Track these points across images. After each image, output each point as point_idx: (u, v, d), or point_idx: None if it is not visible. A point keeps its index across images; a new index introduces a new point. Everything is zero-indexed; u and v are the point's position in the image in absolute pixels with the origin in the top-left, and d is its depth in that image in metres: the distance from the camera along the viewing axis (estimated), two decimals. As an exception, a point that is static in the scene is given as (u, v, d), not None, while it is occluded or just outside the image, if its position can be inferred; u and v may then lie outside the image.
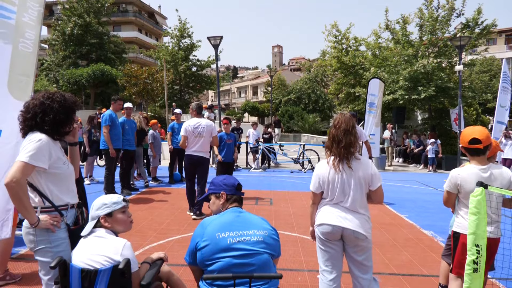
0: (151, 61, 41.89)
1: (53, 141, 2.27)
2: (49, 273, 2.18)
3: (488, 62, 33.74)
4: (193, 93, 32.10)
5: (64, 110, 2.26)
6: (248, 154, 13.45)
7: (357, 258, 2.61)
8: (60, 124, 2.26)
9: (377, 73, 16.81)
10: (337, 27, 20.28)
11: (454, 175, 2.82)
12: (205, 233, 2.09)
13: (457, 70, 13.51)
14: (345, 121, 2.64)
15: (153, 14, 54.26)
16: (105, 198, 2.24)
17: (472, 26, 16.26)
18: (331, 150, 2.66)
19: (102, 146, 7.16)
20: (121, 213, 2.23)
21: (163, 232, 5.21)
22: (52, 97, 2.26)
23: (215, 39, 12.92)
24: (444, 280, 3.31)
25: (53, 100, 2.24)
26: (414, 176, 11.98)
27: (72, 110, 2.33)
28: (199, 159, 5.99)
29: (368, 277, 2.62)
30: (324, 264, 2.69)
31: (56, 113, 2.23)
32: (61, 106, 2.25)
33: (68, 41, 29.69)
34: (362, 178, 2.59)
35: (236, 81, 73.00)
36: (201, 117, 6.25)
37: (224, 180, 2.35)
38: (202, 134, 5.96)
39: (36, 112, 2.21)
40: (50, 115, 2.22)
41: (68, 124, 2.32)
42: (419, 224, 5.97)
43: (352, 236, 2.56)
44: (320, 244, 2.71)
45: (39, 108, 2.22)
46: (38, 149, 2.11)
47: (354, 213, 2.59)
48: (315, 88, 33.74)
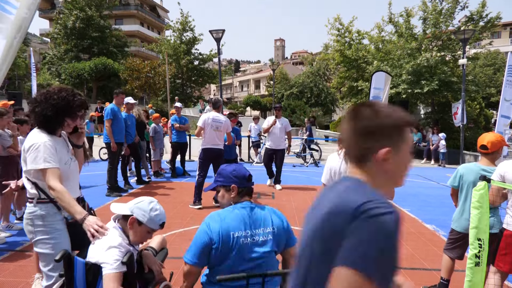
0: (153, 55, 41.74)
1: (54, 139, 2.28)
2: (48, 264, 2.21)
3: (492, 56, 33.47)
4: (195, 87, 32.03)
5: (52, 108, 2.22)
6: (250, 148, 13.46)
7: None
8: (47, 121, 2.23)
9: (380, 67, 16.72)
10: (340, 20, 20.17)
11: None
12: (220, 231, 1.95)
13: (461, 64, 13.42)
14: None
15: (155, 8, 53.99)
16: (151, 208, 2.09)
17: (476, 19, 16.12)
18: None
19: (105, 139, 7.18)
20: (146, 231, 2.12)
21: (166, 225, 5.23)
22: (49, 92, 2.25)
23: (217, 32, 12.85)
24: (446, 274, 3.32)
25: (46, 95, 2.24)
26: (417, 170, 11.96)
27: (65, 111, 2.26)
28: (219, 151, 6.14)
29: None
30: None
31: (44, 109, 2.21)
32: (49, 103, 2.21)
33: (70, 34, 29.63)
34: None
35: (238, 75, 72.80)
36: (219, 112, 6.36)
37: (234, 172, 2.14)
38: (219, 129, 6.07)
39: (32, 105, 2.28)
40: (37, 109, 2.23)
41: (57, 124, 2.28)
42: (421, 218, 5.97)
43: None
44: None
45: (32, 101, 2.28)
46: (44, 152, 2.17)
47: None
48: (318, 82, 33.62)
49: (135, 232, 2.08)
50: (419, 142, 15.73)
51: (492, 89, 28.61)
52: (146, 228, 2.09)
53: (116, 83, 27.24)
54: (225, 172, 2.15)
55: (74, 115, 2.32)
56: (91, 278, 1.95)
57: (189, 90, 31.69)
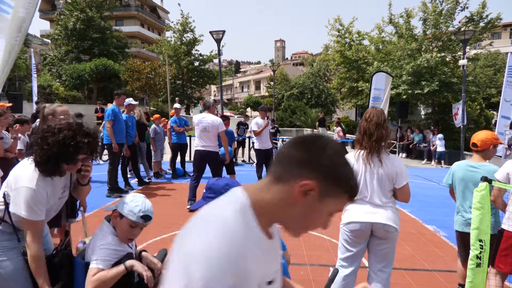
0: (154, 56, 41.77)
1: (47, 181, 1.95)
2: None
3: (492, 56, 33.48)
4: (196, 88, 32.05)
5: (46, 152, 1.88)
6: (250, 149, 13.46)
7: (383, 251, 2.56)
8: (41, 164, 1.90)
9: (380, 68, 16.73)
10: (340, 21, 20.17)
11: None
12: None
13: (461, 65, 13.41)
14: (376, 115, 2.60)
15: (155, 9, 54.05)
16: (132, 200, 2.01)
17: (477, 20, 16.13)
18: (361, 143, 2.62)
19: (105, 141, 7.19)
20: (128, 225, 2.00)
21: (167, 226, 5.24)
22: (48, 131, 1.92)
23: (218, 33, 12.86)
24: (462, 279, 3.26)
25: (43, 135, 1.92)
26: (417, 171, 11.96)
27: (61, 157, 1.90)
28: (207, 153, 6.09)
29: (388, 270, 2.60)
30: (344, 260, 2.67)
31: (38, 151, 1.90)
32: (43, 147, 1.89)
33: (71, 35, 29.66)
34: (386, 174, 2.54)
35: (239, 76, 72.80)
36: (209, 113, 6.28)
37: (227, 187, 1.85)
38: (207, 129, 6.02)
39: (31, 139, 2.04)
40: (33, 148, 1.93)
41: (53, 169, 1.92)
42: (422, 219, 5.97)
43: (382, 230, 2.51)
44: (345, 243, 2.65)
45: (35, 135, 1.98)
46: (30, 200, 1.87)
47: (382, 208, 2.54)
48: (318, 83, 33.59)
49: (119, 227, 2.01)
50: (419, 142, 15.73)
51: (493, 90, 28.61)
52: (128, 221, 1.98)
53: (117, 84, 27.25)
54: (216, 187, 1.86)
55: (72, 161, 1.95)
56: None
57: (189, 91, 31.72)
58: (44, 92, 23.32)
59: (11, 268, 1.91)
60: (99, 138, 2.05)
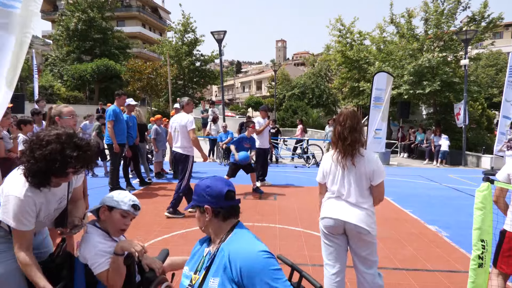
0: (155, 56, 41.83)
1: (37, 192, 1.90)
2: None
3: (494, 56, 33.35)
4: (197, 88, 32.06)
5: (34, 163, 1.81)
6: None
7: (360, 253, 2.61)
8: (31, 175, 1.84)
9: (381, 68, 16.71)
10: (342, 21, 20.14)
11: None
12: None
13: (463, 64, 13.41)
14: (350, 118, 2.62)
15: (157, 9, 54.13)
16: (119, 193, 2.09)
17: (478, 20, 16.07)
18: (337, 146, 2.67)
19: (107, 141, 7.20)
20: (120, 215, 2.02)
21: (168, 226, 5.25)
22: (37, 140, 1.84)
23: (219, 33, 12.89)
24: None
25: (31, 145, 1.84)
26: (419, 171, 11.93)
27: (50, 170, 1.82)
28: (176, 155, 5.99)
29: (372, 272, 2.62)
30: (327, 258, 2.71)
31: (27, 162, 1.84)
32: (32, 156, 1.83)
33: (72, 36, 29.76)
34: (363, 174, 2.59)
35: (240, 76, 72.82)
36: (184, 111, 6.03)
37: (208, 189, 1.67)
38: (176, 129, 5.92)
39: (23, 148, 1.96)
40: (23, 158, 1.88)
41: (42, 181, 1.86)
42: (423, 219, 5.95)
43: (354, 231, 2.55)
44: (324, 238, 2.73)
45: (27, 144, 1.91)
46: (18, 210, 1.83)
47: (357, 208, 2.58)
48: (319, 83, 33.56)
49: (110, 221, 2.03)
50: (421, 142, 15.71)
51: (494, 90, 28.49)
52: (118, 211, 2.02)
53: (118, 85, 27.31)
54: (198, 189, 1.71)
55: (62, 174, 1.88)
56: (91, 279, 1.96)
57: (191, 91, 31.75)
58: (46, 93, 23.37)
59: (1, 272, 1.89)
60: (93, 150, 1.95)
